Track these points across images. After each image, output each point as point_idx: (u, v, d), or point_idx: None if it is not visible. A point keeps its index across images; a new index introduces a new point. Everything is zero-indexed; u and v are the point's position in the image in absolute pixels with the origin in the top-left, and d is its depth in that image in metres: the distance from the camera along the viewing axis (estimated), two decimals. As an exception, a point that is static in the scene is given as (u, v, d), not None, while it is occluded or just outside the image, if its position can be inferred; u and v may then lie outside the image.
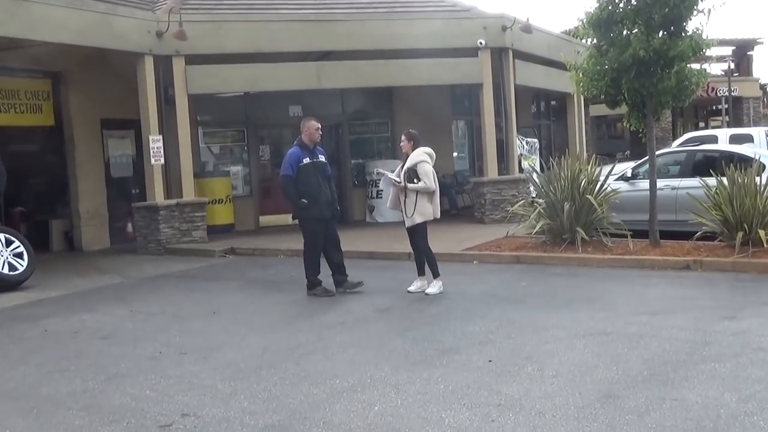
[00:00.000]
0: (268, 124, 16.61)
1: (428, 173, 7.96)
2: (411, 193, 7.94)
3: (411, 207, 7.93)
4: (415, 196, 7.94)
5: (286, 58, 13.63)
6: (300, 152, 8.14)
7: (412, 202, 7.94)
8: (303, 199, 8.08)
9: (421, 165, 7.99)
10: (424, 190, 7.96)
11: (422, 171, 7.96)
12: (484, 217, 13.90)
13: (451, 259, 10.28)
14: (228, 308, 7.85)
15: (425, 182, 7.93)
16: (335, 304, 7.77)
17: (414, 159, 8.00)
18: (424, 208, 7.96)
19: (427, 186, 7.94)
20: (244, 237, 13.73)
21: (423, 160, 8.01)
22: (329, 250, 8.34)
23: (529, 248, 10.44)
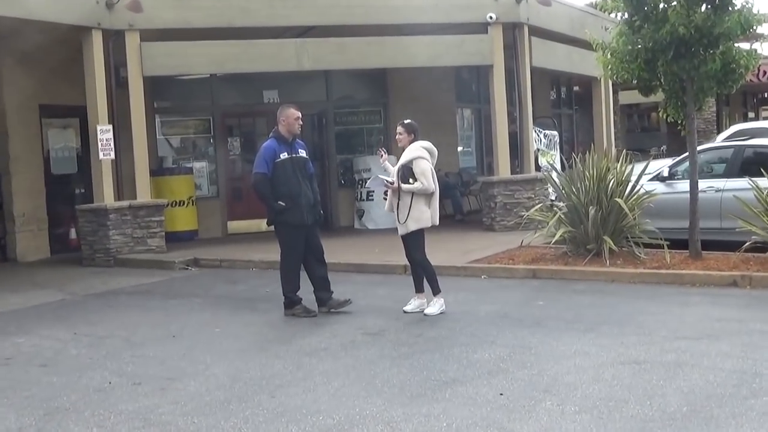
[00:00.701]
0: (239, 112, 16.63)
1: (425, 172, 7.96)
2: (405, 196, 7.95)
3: (404, 212, 7.93)
4: (409, 199, 7.94)
5: (261, 35, 13.65)
6: (276, 146, 8.15)
7: (405, 205, 7.94)
8: (280, 202, 8.09)
9: (417, 162, 7.98)
10: (420, 191, 7.96)
11: (418, 169, 7.96)
12: (494, 223, 13.95)
13: (454, 273, 10.29)
14: (190, 331, 7.84)
15: (422, 182, 7.93)
16: (318, 326, 7.77)
17: (409, 155, 8.00)
18: (419, 213, 7.96)
19: (424, 187, 7.94)
20: (209, 246, 13.72)
21: (419, 156, 8.01)
22: (311, 261, 8.35)
23: (548, 261, 10.46)
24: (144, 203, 12.86)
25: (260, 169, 8.10)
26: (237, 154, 16.80)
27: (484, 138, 18.43)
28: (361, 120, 17.05)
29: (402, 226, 7.97)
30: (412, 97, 16.29)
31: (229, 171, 16.14)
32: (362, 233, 14.99)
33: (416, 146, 8.06)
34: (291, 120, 8.20)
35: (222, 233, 15.55)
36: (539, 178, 13.87)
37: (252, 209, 15.35)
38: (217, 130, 15.90)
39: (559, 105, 21.81)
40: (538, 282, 9.77)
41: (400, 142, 8.12)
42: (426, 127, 14.63)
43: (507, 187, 13.98)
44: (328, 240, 9.30)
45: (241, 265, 11.85)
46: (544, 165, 15.06)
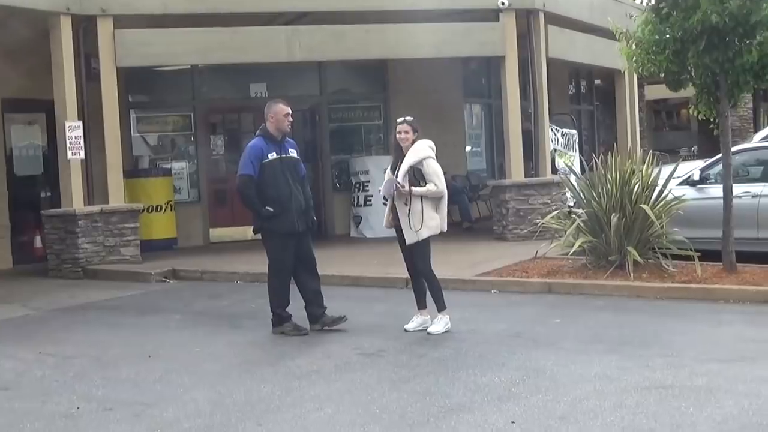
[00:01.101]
0: (223, 107, 16.66)
1: (438, 172, 7.99)
2: (415, 200, 7.95)
3: (416, 217, 7.93)
4: (420, 204, 7.96)
5: (249, 21, 13.68)
6: (264, 145, 8.16)
7: (417, 211, 7.94)
8: (267, 207, 8.09)
9: (429, 162, 8.00)
10: (433, 195, 7.98)
11: (431, 170, 7.98)
12: (505, 231, 13.95)
13: (462, 287, 10.28)
14: (167, 350, 7.83)
15: (436, 184, 7.96)
16: (309, 346, 7.76)
17: (417, 154, 8.00)
18: (430, 218, 7.98)
19: (438, 190, 7.97)
20: (189, 256, 13.72)
21: (429, 156, 8.03)
22: (302, 274, 8.35)
23: (565, 273, 10.46)
24: (117, 208, 12.86)
25: (246, 170, 8.10)
26: (220, 154, 16.83)
27: (495, 137, 18.44)
28: (359, 116, 17.06)
29: (412, 234, 7.96)
30: (415, 92, 16.31)
31: (211, 172, 16.16)
32: (359, 242, 14.99)
33: (424, 145, 8.07)
34: (280, 116, 8.20)
35: (203, 242, 15.56)
36: (556, 181, 13.88)
37: (237, 215, 15.35)
38: (198, 127, 15.92)
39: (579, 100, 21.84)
40: (554, 297, 9.75)
41: (405, 141, 8.10)
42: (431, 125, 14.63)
43: (520, 191, 13.98)
44: (321, 250, 9.29)
45: (225, 278, 11.84)
46: (561, 167, 15.06)
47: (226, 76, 15.99)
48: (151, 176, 15.08)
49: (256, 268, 11.18)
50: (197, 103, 15.82)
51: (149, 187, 14.78)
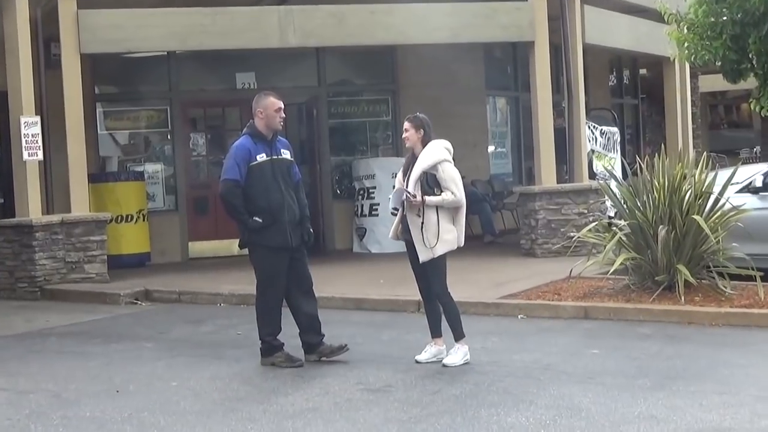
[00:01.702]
0: (205, 100, 16.68)
1: (455, 178, 7.98)
2: (430, 211, 7.95)
3: (432, 231, 7.93)
4: (435, 215, 7.95)
5: (234, 1, 13.71)
6: (252, 145, 8.16)
7: (432, 224, 7.93)
8: (256, 218, 8.09)
9: (444, 167, 7.99)
10: (450, 204, 7.98)
11: (447, 175, 7.97)
12: (534, 246, 13.94)
13: (483, 311, 10.27)
14: (139, 385, 7.82)
15: (454, 192, 7.95)
16: (305, 380, 7.75)
17: (430, 158, 8.00)
18: (446, 231, 7.98)
19: (455, 198, 7.96)
20: (165, 274, 13.73)
21: (445, 159, 8.02)
22: (296, 296, 8.34)
23: (604, 296, 10.44)
24: (80, 218, 12.88)
25: (231, 174, 8.10)
26: (202, 155, 16.82)
27: (523, 136, 18.43)
28: (363, 112, 17.08)
29: (426, 251, 7.95)
30: (429, 83, 16.31)
31: (191, 177, 16.17)
32: (363, 259, 14.99)
33: (438, 146, 8.05)
34: (271, 111, 8.20)
35: (182, 257, 15.57)
36: (594, 188, 13.86)
37: (220, 227, 15.32)
38: (176, 123, 15.94)
39: (621, 93, 21.82)
40: (591, 324, 9.73)
41: (408, 140, 8.10)
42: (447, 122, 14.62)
43: (552, 199, 13.96)
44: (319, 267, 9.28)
45: (206, 300, 11.84)
46: (600, 171, 15.04)
47: (209, 64, 16.01)
48: (120, 181, 15.08)
49: (243, 288, 11.16)
50: (175, 95, 15.84)
51: (118, 193, 14.79)
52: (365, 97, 17.18)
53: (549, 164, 14.19)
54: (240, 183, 8.08)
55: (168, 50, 14.88)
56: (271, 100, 8.25)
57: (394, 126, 16.42)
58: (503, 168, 18.87)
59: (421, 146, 8.07)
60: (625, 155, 17.32)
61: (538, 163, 14.32)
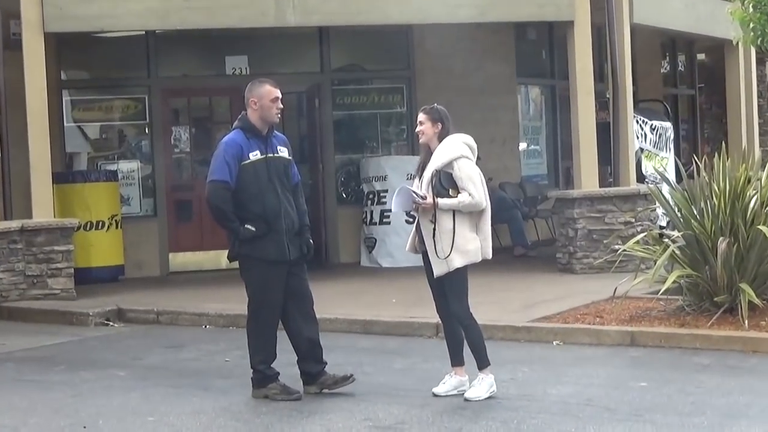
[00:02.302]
0: (189, 88, 16.68)
1: (473, 178, 7.93)
2: (444, 216, 7.92)
3: (446, 241, 7.89)
4: (451, 221, 7.92)
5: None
6: (244, 141, 8.15)
7: (446, 231, 7.90)
8: (248, 225, 8.08)
9: (461, 164, 7.95)
10: (467, 208, 7.94)
11: (464, 174, 7.93)
12: (573, 260, 13.90)
13: (512, 336, 10.26)
14: (110, 419, 7.80)
15: (472, 194, 7.91)
16: (303, 416, 7.73)
17: (446, 154, 7.97)
18: (464, 241, 7.93)
19: (473, 201, 7.91)
20: (141, 290, 13.73)
21: (462, 155, 7.98)
22: (294, 317, 8.33)
23: (654, 319, 10.41)
24: (43, 225, 12.90)
25: (219, 175, 8.09)
26: (185, 152, 16.82)
27: (560, 131, 18.40)
28: (373, 102, 17.07)
29: (441, 263, 7.92)
30: (450, 69, 16.31)
31: (173, 177, 16.18)
32: (373, 274, 14.98)
33: (456, 141, 8.03)
34: (266, 102, 8.19)
35: (160, 271, 15.58)
36: (642, 192, 13.83)
37: (206, 236, 15.33)
38: (155, 115, 15.93)
39: (675, 82, 21.78)
40: (638, 352, 9.70)
41: (423, 134, 8.08)
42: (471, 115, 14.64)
43: (593, 206, 13.93)
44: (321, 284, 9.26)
45: (189, 321, 11.84)
46: (650, 173, 14.99)
47: (194, 46, 16.03)
48: (90, 181, 15.10)
49: (232, 308, 11.15)
50: (154, 82, 15.86)
51: (88, 195, 14.81)
52: (376, 85, 17.17)
53: (590, 165, 14.15)
54: (230, 185, 8.07)
55: (146, 29, 14.89)
56: (267, 88, 8.24)
57: (410, 119, 16.40)
58: (537, 169, 18.84)
59: (437, 142, 8.05)
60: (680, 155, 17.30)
61: (577, 163, 14.29)
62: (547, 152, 19.04)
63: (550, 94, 18.90)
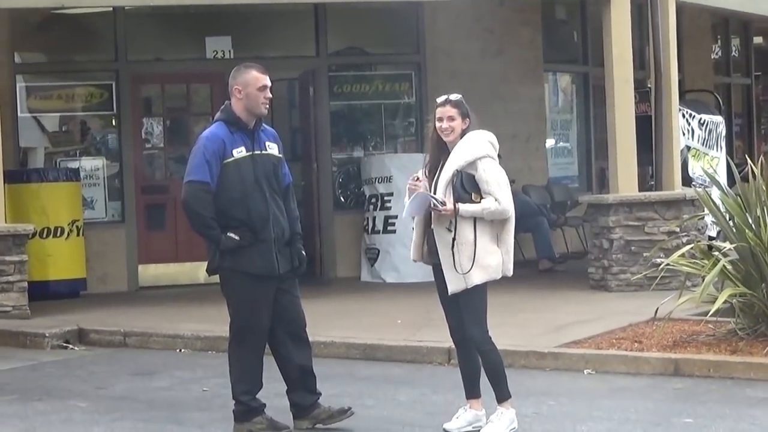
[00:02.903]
0: (164, 74, 16.67)
1: (501, 181, 7.93)
2: (465, 225, 7.91)
3: (466, 252, 7.87)
4: (472, 231, 7.92)
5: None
6: (227, 136, 8.15)
7: (467, 242, 7.87)
8: (231, 234, 8.08)
9: (486, 165, 7.92)
10: (494, 216, 7.93)
11: (490, 176, 7.90)
12: (607, 276, 13.89)
13: (537, 364, 10.26)
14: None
15: (498, 199, 7.90)
16: (293, 455, 7.75)
17: (468, 152, 7.95)
18: (486, 253, 7.93)
19: (501, 208, 7.88)
20: (106, 308, 13.72)
21: (486, 153, 7.99)
22: (284, 341, 8.32)
23: (701, 345, 10.40)
24: (-7, 231, 12.93)
25: (198, 175, 8.09)
26: (158, 148, 16.83)
27: (594, 126, 18.41)
28: (377, 91, 17.06)
29: (458, 279, 7.90)
30: (466, 53, 16.31)
31: (144, 177, 16.18)
32: (375, 290, 14.99)
33: (480, 138, 8.01)
34: (252, 90, 8.19)
35: (129, 286, 15.60)
36: (689, 197, 13.83)
37: (182, 245, 15.33)
38: (124, 104, 15.93)
39: (728, 70, 21.77)
40: (683, 382, 9.68)
41: (448, 133, 8.05)
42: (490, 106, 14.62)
43: (632, 213, 13.91)
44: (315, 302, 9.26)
45: (162, 343, 11.84)
46: (698, 175, 14.98)
47: (169, 25, 16.05)
48: (47, 181, 15.10)
49: (212, 329, 11.15)
50: (123, 66, 15.85)
51: (45, 198, 14.82)
52: (380, 71, 17.18)
53: (628, 165, 14.13)
54: (210, 186, 8.07)
55: (114, 5, 14.91)
56: (254, 74, 8.23)
57: (419, 110, 16.42)
58: (566, 170, 18.84)
59: (458, 139, 8.03)
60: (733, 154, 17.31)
61: (613, 163, 14.27)
62: (579, 150, 19.03)
63: (582, 82, 18.90)
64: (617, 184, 14.16)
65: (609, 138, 14.42)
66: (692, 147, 15.33)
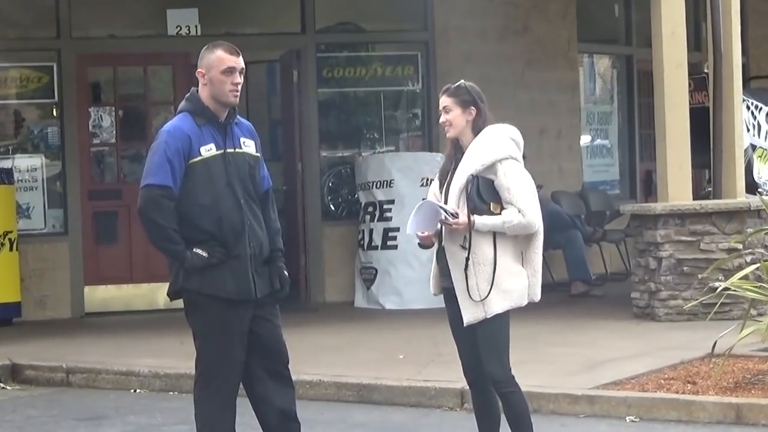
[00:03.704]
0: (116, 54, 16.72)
1: (526, 188, 7.96)
2: (482, 241, 7.94)
3: (483, 274, 7.90)
4: (492, 248, 7.95)
5: None
6: (193, 130, 8.16)
7: (486, 261, 7.92)
8: (197, 250, 8.11)
9: (508, 168, 7.95)
10: (516, 231, 7.96)
11: (512, 182, 7.93)
12: (654, 302, 13.92)
13: (569, 409, 10.27)
14: None
15: (522, 210, 7.92)
16: None
17: (486, 153, 7.99)
18: (509, 275, 7.96)
19: (526, 221, 7.89)
20: (46, 338, 13.80)
21: (509, 155, 8.00)
22: (262, 379, 8.34)
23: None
24: None
25: (157, 178, 8.09)
26: (110, 144, 16.88)
27: (639, 120, 18.45)
28: (375, 76, 17.11)
29: (474, 307, 7.93)
30: (483, 32, 16.37)
31: (91, 179, 16.22)
32: (372, 319, 15.05)
33: (500, 135, 8.04)
34: (215, 74, 8.14)
35: (73, 311, 15.65)
36: (755, 207, 13.87)
37: (138, 262, 15.38)
38: (67, 91, 15.98)
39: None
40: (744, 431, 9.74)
41: (451, 128, 8.07)
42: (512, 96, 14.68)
43: (685, 225, 13.95)
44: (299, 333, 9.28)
45: (112, 382, 11.88)
46: (765, 180, 15.02)
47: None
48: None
49: (173, 365, 11.19)
50: (66, 45, 15.92)
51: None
52: (379, 52, 17.23)
53: (681, 167, 14.16)
54: (172, 191, 8.07)
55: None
56: (218, 54, 8.16)
57: (427, 100, 16.48)
58: (605, 173, 18.89)
59: (471, 135, 8.08)
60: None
61: (662, 165, 14.29)
62: (620, 149, 19.09)
63: (624, 67, 18.96)
64: (667, 191, 14.18)
65: (657, 134, 14.43)
66: (759, 146, 15.37)
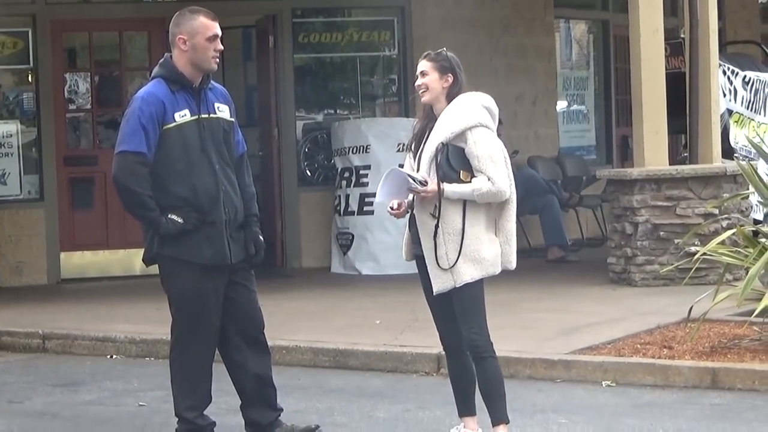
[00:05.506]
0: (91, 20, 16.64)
1: (496, 156, 7.94)
2: (451, 209, 7.93)
3: (452, 243, 7.90)
4: (461, 217, 7.95)
5: None
6: (168, 96, 8.15)
7: (454, 231, 7.92)
8: (172, 216, 8.08)
9: (478, 135, 7.95)
10: (486, 198, 7.96)
11: (483, 150, 7.93)
12: (630, 267, 13.93)
13: (546, 373, 10.28)
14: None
15: (492, 178, 7.92)
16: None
17: (456, 120, 7.97)
18: (479, 244, 7.96)
19: (496, 189, 7.89)
20: (21, 305, 13.80)
21: (479, 122, 7.99)
22: (238, 346, 8.33)
23: (745, 352, 10.44)
24: None
25: (131, 144, 8.08)
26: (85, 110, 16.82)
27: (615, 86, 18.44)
28: (351, 41, 17.06)
29: (443, 276, 7.93)
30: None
31: (66, 145, 16.17)
32: (348, 284, 15.04)
33: (471, 103, 8.03)
34: (200, 41, 8.18)
35: (49, 277, 15.63)
36: (731, 172, 13.87)
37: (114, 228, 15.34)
38: (42, 56, 15.92)
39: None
40: (721, 397, 9.70)
41: (426, 92, 8.06)
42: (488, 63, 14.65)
43: (661, 191, 13.94)
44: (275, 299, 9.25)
45: (88, 348, 11.86)
46: (742, 145, 15.01)
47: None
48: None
49: (149, 330, 11.17)
50: (40, 10, 15.85)
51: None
52: (355, 17, 17.17)
53: (657, 133, 14.15)
54: (147, 158, 8.06)
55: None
56: (202, 21, 8.21)
57: (403, 65, 16.46)
58: (582, 139, 18.89)
59: (445, 102, 8.06)
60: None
61: (639, 130, 14.28)
62: (597, 115, 19.08)
63: (601, 32, 18.94)
64: (643, 156, 14.19)
65: (633, 100, 14.42)
66: (735, 111, 15.35)
